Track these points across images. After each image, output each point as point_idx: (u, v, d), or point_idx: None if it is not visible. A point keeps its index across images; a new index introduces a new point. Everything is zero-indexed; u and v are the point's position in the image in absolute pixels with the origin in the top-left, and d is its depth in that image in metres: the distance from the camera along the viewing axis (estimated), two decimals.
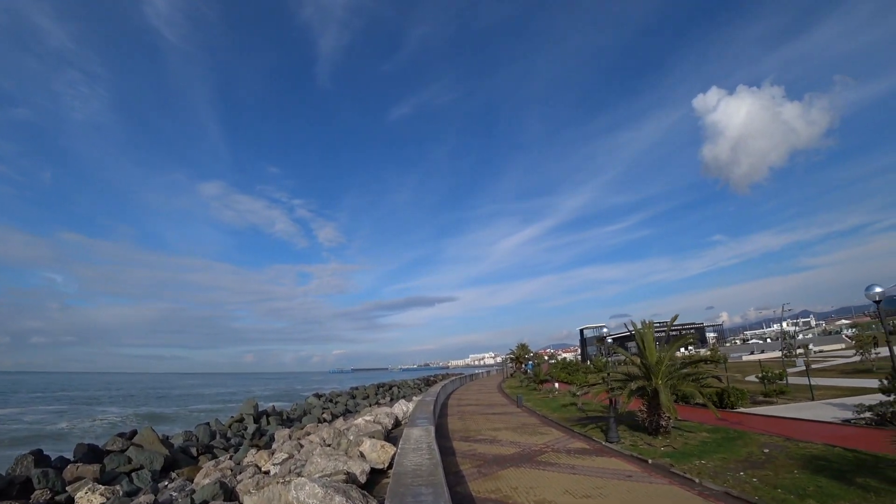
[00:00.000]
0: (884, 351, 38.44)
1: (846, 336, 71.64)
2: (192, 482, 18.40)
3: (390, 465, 12.97)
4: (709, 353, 53.77)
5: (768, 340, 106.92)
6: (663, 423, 15.48)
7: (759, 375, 23.75)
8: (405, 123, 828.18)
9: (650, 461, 12.36)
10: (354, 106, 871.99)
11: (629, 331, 19.14)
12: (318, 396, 55.75)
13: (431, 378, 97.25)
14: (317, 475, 11.78)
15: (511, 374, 70.29)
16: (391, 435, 20.85)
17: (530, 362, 68.37)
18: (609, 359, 68.66)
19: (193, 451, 25.43)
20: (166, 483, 18.94)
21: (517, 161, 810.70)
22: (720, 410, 18.50)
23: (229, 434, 31.79)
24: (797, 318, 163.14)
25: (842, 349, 63.00)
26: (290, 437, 28.37)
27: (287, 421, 39.68)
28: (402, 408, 26.20)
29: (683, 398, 20.24)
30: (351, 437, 18.09)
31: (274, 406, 43.58)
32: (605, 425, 18.31)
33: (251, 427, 34.04)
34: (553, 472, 11.70)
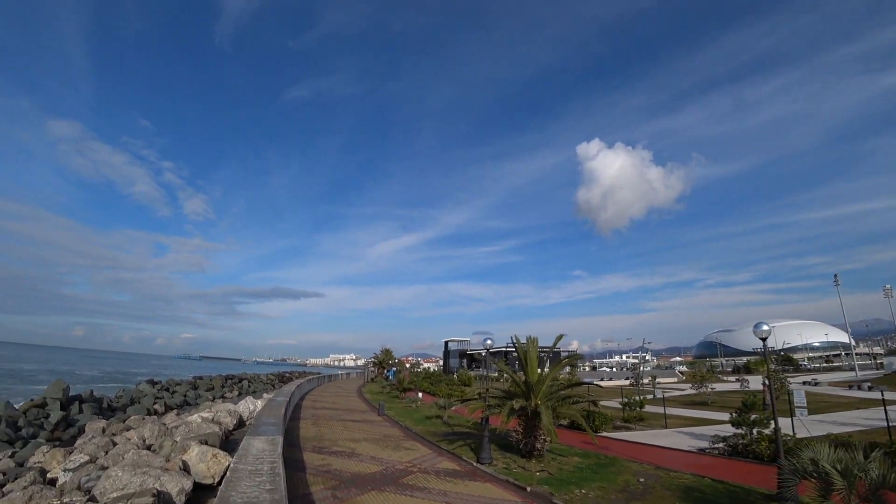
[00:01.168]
0: (718, 386, 43.02)
1: (679, 371, 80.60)
2: None
3: (222, 480, 10.23)
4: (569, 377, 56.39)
5: (614, 369, 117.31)
6: (539, 445, 14.55)
7: (622, 401, 24.43)
8: (300, 106, 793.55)
9: (529, 489, 11.13)
10: (250, 75, 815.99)
11: (512, 345, 18.23)
12: (153, 383, 48.46)
13: (287, 375, 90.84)
14: (113, 494, 8.73)
15: (372, 379, 68.03)
16: (231, 438, 17.64)
17: (393, 368, 66.76)
18: (475, 372, 69.51)
19: None
20: None
21: (406, 168, 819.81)
22: (587, 434, 18.23)
23: (21, 423, 25.51)
24: (637, 353, 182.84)
25: (675, 382, 70.45)
26: (104, 431, 23.50)
27: (107, 410, 33.42)
28: (248, 406, 22.81)
29: None
30: (177, 439, 14.73)
31: (93, 391, 36.59)
32: (473, 443, 17.08)
33: (55, 415, 27.82)
34: (422, 499, 9.90)
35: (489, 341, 17.48)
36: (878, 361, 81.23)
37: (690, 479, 12.46)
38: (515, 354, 17.45)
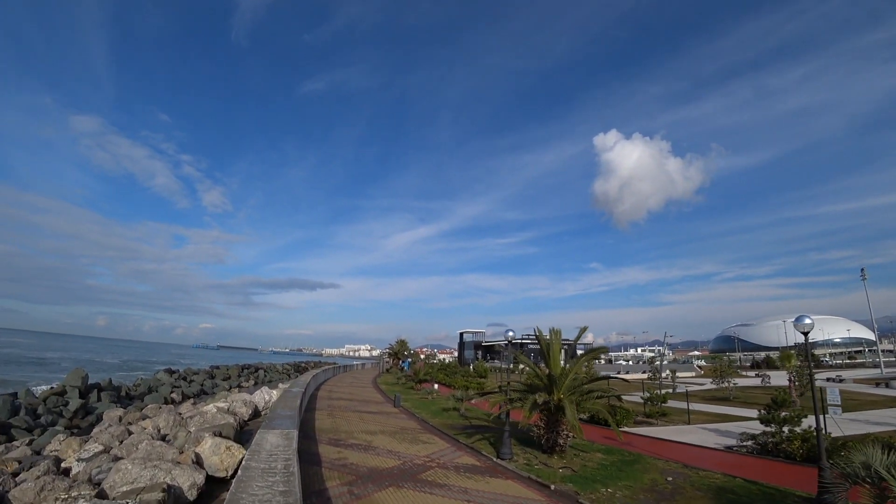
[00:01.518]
0: (739, 381, 41.98)
1: (697, 366, 79.40)
2: None
3: (235, 473, 9.93)
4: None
5: (630, 363, 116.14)
6: (561, 441, 14.05)
7: (643, 396, 23.81)
8: (316, 99, 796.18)
9: (553, 487, 10.65)
10: (266, 68, 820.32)
11: (532, 336, 17.72)
12: (171, 372, 48.96)
13: (303, 365, 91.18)
14: (123, 488, 8.45)
15: (387, 370, 68.13)
16: (246, 428, 17.48)
17: (408, 359, 66.80)
18: (491, 364, 69.11)
19: None
20: None
21: (422, 160, 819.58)
22: (608, 429, 17.68)
23: (41, 410, 25.75)
24: (653, 346, 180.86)
25: (692, 377, 69.30)
26: (120, 419, 23.54)
27: (125, 398, 33.67)
28: (264, 396, 22.66)
29: None
30: (192, 430, 14.54)
31: (111, 379, 36.98)
32: (492, 437, 16.66)
33: (74, 403, 28.04)
34: (443, 497, 9.48)
35: (511, 332, 16.96)
36: None
37: (721, 478, 11.87)
38: (532, 346, 17.00)
